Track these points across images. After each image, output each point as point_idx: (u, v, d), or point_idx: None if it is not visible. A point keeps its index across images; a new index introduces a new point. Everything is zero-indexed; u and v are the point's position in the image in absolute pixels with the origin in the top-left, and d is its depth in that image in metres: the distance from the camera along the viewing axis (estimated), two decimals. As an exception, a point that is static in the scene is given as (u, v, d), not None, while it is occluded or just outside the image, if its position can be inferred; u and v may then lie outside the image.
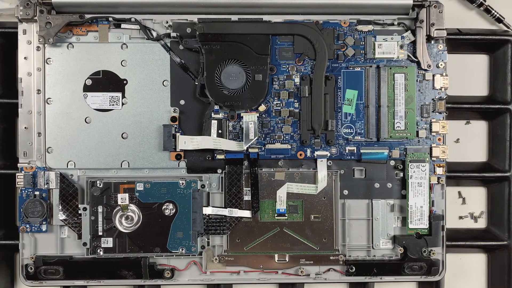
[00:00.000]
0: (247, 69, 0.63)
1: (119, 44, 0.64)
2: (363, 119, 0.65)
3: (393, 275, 0.65)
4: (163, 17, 0.64)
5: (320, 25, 0.64)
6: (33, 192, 0.63)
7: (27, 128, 0.63)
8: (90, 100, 0.64)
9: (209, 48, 0.63)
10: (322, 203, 0.65)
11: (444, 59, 0.65)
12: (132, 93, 0.64)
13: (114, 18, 0.63)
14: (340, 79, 0.64)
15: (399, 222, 0.66)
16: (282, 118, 0.64)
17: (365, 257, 0.66)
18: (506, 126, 0.68)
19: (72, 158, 0.63)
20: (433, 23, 0.63)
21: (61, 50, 0.63)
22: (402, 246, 0.65)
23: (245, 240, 0.65)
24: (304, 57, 0.64)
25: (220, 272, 0.65)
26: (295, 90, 0.64)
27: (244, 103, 0.63)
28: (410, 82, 0.64)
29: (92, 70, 0.64)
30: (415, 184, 0.64)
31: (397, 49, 0.64)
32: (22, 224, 0.62)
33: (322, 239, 0.65)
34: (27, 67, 0.63)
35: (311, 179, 0.65)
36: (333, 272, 0.65)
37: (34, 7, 0.61)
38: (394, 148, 0.65)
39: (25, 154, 0.63)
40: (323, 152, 0.64)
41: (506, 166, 0.68)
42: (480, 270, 0.71)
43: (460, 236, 0.69)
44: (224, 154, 0.64)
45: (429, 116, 0.65)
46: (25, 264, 0.63)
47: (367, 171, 0.65)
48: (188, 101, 0.64)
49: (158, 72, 0.64)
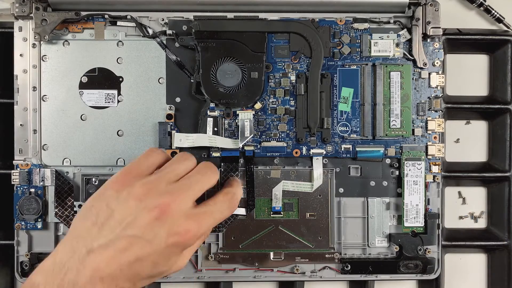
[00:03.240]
0: (243, 66, 0.63)
1: (115, 42, 0.64)
2: (359, 117, 0.64)
3: (388, 273, 0.65)
4: (159, 15, 0.64)
5: (316, 23, 0.64)
6: (28, 189, 0.63)
7: (23, 125, 0.63)
8: (85, 97, 0.64)
9: (205, 45, 0.63)
10: (318, 201, 0.65)
11: (440, 57, 0.64)
12: (127, 90, 0.64)
13: (110, 16, 0.63)
14: (336, 77, 0.64)
15: (394, 220, 0.65)
16: (277, 116, 0.64)
17: (360, 255, 0.66)
18: (506, 126, 0.68)
19: (67, 155, 0.64)
20: (429, 21, 0.63)
21: (57, 47, 0.63)
22: (397, 244, 0.64)
23: (240, 238, 0.65)
24: (300, 55, 0.64)
25: (215, 270, 0.65)
26: (291, 88, 0.64)
27: (240, 101, 0.63)
28: (406, 80, 0.64)
29: (88, 67, 0.64)
30: (410, 182, 0.64)
31: (393, 47, 0.64)
32: (18, 221, 0.63)
33: (318, 237, 0.65)
34: (23, 64, 0.63)
35: (307, 177, 0.65)
36: (328, 270, 0.65)
37: (30, 4, 0.61)
38: (389, 146, 0.65)
39: (20, 151, 0.63)
40: (318, 150, 0.64)
41: (506, 166, 0.68)
42: (480, 270, 0.71)
43: (460, 236, 0.69)
44: (220, 152, 0.64)
45: (425, 114, 0.65)
46: (21, 261, 0.63)
47: (362, 169, 0.65)
48: (183, 99, 0.64)
49: (154, 70, 0.64)
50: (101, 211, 0.47)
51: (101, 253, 0.44)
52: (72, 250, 0.45)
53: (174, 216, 0.47)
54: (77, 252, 0.45)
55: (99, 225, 0.46)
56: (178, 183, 0.49)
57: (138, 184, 0.47)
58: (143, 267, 0.46)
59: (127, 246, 0.45)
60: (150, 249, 0.46)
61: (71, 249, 0.45)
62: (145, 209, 0.46)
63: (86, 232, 0.46)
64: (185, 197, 0.48)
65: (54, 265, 0.44)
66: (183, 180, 0.50)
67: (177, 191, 0.48)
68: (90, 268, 0.44)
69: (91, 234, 0.45)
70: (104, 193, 0.48)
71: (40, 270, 0.45)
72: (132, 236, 0.45)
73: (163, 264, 0.47)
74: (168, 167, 0.51)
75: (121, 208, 0.46)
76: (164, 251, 0.46)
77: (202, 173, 0.52)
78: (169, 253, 0.47)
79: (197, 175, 0.51)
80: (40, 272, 0.45)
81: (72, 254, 0.45)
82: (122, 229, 0.45)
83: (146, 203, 0.46)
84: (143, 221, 0.46)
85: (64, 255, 0.45)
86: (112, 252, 0.44)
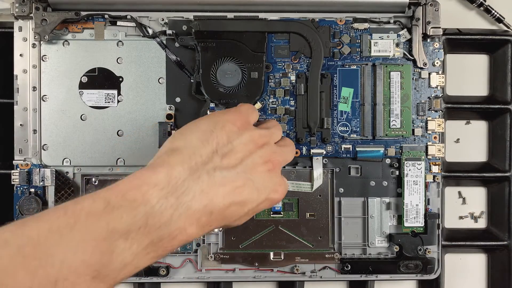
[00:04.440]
0: (243, 66, 0.63)
1: (115, 42, 0.64)
2: (359, 117, 0.64)
3: (388, 273, 0.65)
4: (159, 15, 0.64)
5: (316, 23, 0.64)
6: (28, 189, 0.63)
7: (23, 125, 0.63)
8: (85, 97, 0.64)
9: (205, 45, 0.63)
10: (318, 201, 0.65)
11: (440, 57, 0.64)
12: (127, 90, 0.64)
13: (110, 16, 0.63)
14: (336, 77, 0.64)
15: (394, 220, 0.65)
16: (277, 116, 0.64)
17: (360, 255, 0.65)
18: (506, 126, 0.68)
19: (67, 155, 0.64)
20: (429, 21, 0.63)
21: (56, 47, 0.63)
22: (397, 244, 0.64)
23: (240, 238, 0.65)
24: (300, 55, 0.64)
25: (215, 270, 0.65)
26: (291, 88, 0.64)
27: (240, 101, 0.63)
28: (406, 80, 0.64)
29: (88, 67, 0.64)
30: (410, 182, 0.64)
31: (393, 47, 0.64)
32: (18, 221, 0.63)
33: (318, 237, 0.65)
34: (23, 64, 0.63)
35: (307, 177, 0.65)
36: (328, 270, 0.65)
37: (30, 4, 0.61)
38: (389, 146, 0.65)
39: (20, 151, 0.63)
40: (318, 150, 0.64)
41: (506, 166, 0.68)
42: (480, 270, 0.71)
43: (460, 236, 0.69)
44: (220, 152, 0.64)
45: (425, 114, 0.65)
46: (21, 261, 0.63)
47: (362, 169, 0.65)
48: (183, 99, 0.64)
49: (154, 70, 0.64)
50: (222, 141, 0.44)
51: (221, 185, 0.42)
52: (191, 169, 0.41)
53: (279, 175, 0.48)
54: (197, 174, 0.41)
55: (221, 155, 0.43)
56: (281, 148, 0.50)
57: (258, 132, 0.47)
58: (240, 212, 0.44)
59: (243, 187, 0.44)
60: (255, 196, 0.45)
61: (190, 168, 0.41)
62: (262, 158, 0.46)
63: (207, 157, 0.43)
64: (283, 162, 0.50)
65: (170, 178, 0.40)
66: (283, 147, 0.51)
67: (282, 154, 0.49)
68: (208, 197, 0.41)
69: (213, 161, 0.43)
70: (224, 125, 0.45)
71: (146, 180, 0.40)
72: (248, 179, 0.44)
73: (249, 214, 0.46)
74: (273, 129, 0.50)
75: (242, 147, 0.45)
76: (261, 202, 0.46)
77: (291, 149, 0.53)
78: (261, 207, 0.47)
79: (290, 146, 0.53)
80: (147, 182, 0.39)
81: (191, 174, 0.41)
82: (242, 167, 0.44)
83: (264, 153, 0.46)
84: (260, 169, 0.45)
85: (183, 172, 0.41)
86: (230, 188, 0.43)
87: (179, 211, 0.39)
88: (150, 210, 0.38)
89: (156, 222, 0.38)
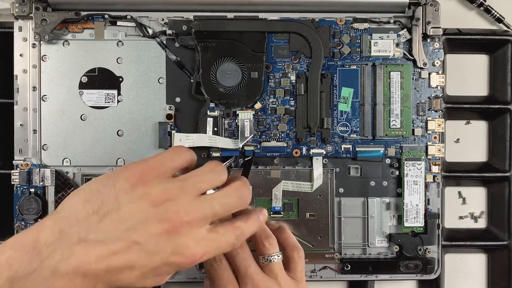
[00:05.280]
0: (243, 66, 0.63)
1: (115, 42, 0.64)
2: (359, 117, 0.64)
3: (388, 273, 0.65)
4: (159, 15, 0.64)
5: (316, 23, 0.64)
6: (28, 189, 0.63)
7: (23, 125, 0.63)
8: (85, 97, 0.64)
9: (205, 45, 0.63)
10: (318, 201, 0.65)
11: (440, 57, 0.64)
12: (127, 90, 0.64)
13: (110, 16, 0.63)
14: (336, 77, 0.64)
15: (394, 220, 0.65)
16: (277, 116, 0.64)
17: (360, 255, 0.65)
18: (506, 126, 0.68)
19: (67, 155, 0.64)
20: (429, 21, 0.63)
21: (56, 47, 0.63)
22: (397, 244, 0.64)
23: (240, 238, 0.64)
24: (300, 55, 0.64)
25: (215, 270, 0.65)
26: (291, 88, 0.64)
27: (240, 101, 0.63)
28: (406, 80, 0.64)
29: (88, 67, 0.64)
30: (410, 182, 0.64)
31: (393, 47, 0.64)
32: (18, 222, 0.63)
33: (318, 237, 0.65)
34: (23, 64, 0.63)
35: (307, 177, 0.65)
36: (328, 270, 0.65)
37: (30, 4, 0.61)
38: (389, 146, 0.65)
39: (20, 151, 0.63)
40: (318, 150, 0.64)
41: (506, 166, 0.68)
42: (480, 270, 0.71)
43: (460, 236, 0.69)
44: (220, 152, 0.64)
45: (425, 114, 0.65)
46: (21, 261, 0.63)
47: (362, 169, 0.65)
48: (183, 99, 0.64)
49: (154, 70, 0.64)
50: (107, 201, 0.41)
51: (94, 247, 0.40)
52: (61, 232, 0.40)
53: (186, 236, 0.42)
54: (67, 237, 0.40)
55: (101, 215, 0.41)
56: (201, 202, 0.43)
57: (159, 188, 0.42)
58: (129, 276, 0.41)
59: (124, 250, 0.40)
60: (147, 261, 0.41)
61: (60, 231, 0.40)
62: (157, 218, 0.41)
63: (83, 218, 0.40)
64: (203, 220, 0.43)
65: (36, 243, 0.39)
66: (208, 199, 0.44)
67: (197, 211, 0.43)
68: (76, 259, 0.39)
69: (89, 222, 0.40)
70: (115, 182, 0.42)
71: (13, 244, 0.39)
72: (133, 242, 0.40)
73: (151, 279, 0.42)
74: (195, 178, 0.44)
75: (131, 206, 0.41)
76: (159, 267, 0.42)
77: (232, 197, 0.45)
78: (163, 270, 0.42)
79: (226, 198, 0.45)
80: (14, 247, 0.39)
81: (61, 237, 0.40)
82: (125, 229, 0.40)
83: (160, 211, 0.41)
84: (152, 230, 0.41)
85: (51, 235, 0.40)
86: (106, 251, 0.40)
87: (43, 273, 0.39)
88: (14, 275, 0.38)
89: (21, 286, 0.38)
